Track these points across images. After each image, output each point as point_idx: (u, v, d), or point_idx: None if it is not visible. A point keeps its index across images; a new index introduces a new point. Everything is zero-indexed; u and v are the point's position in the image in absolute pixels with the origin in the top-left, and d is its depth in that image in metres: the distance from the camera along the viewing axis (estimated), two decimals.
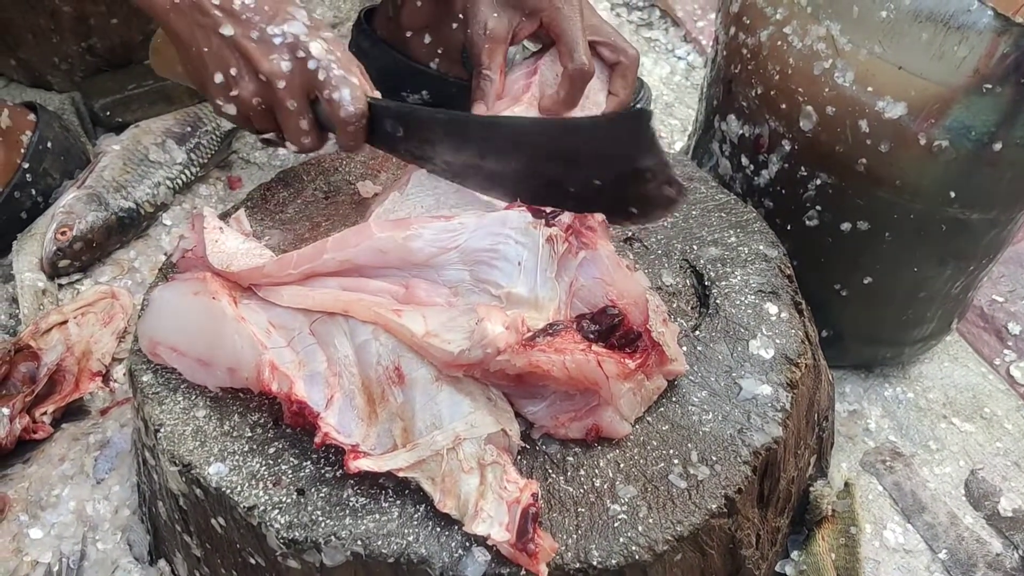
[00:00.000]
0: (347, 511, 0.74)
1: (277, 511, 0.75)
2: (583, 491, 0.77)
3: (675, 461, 0.79)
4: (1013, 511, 1.06)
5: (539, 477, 0.77)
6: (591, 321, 0.80)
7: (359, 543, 0.73)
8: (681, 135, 1.51)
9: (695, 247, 0.97)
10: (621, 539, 0.73)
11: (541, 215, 0.83)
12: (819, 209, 1.02)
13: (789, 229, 1.04)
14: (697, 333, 0.89)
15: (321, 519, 0.74)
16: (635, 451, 0.79)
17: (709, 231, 0.98)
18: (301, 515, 0.74)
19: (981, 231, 1.00)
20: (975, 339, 1.26)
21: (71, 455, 1.05)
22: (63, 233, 1.21)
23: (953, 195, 0.94)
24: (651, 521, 0.74)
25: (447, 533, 0.73)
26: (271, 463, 0.78)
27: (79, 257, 1.24)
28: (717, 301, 0.91)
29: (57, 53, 1.44)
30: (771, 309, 0.90)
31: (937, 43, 0.86)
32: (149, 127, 1.35)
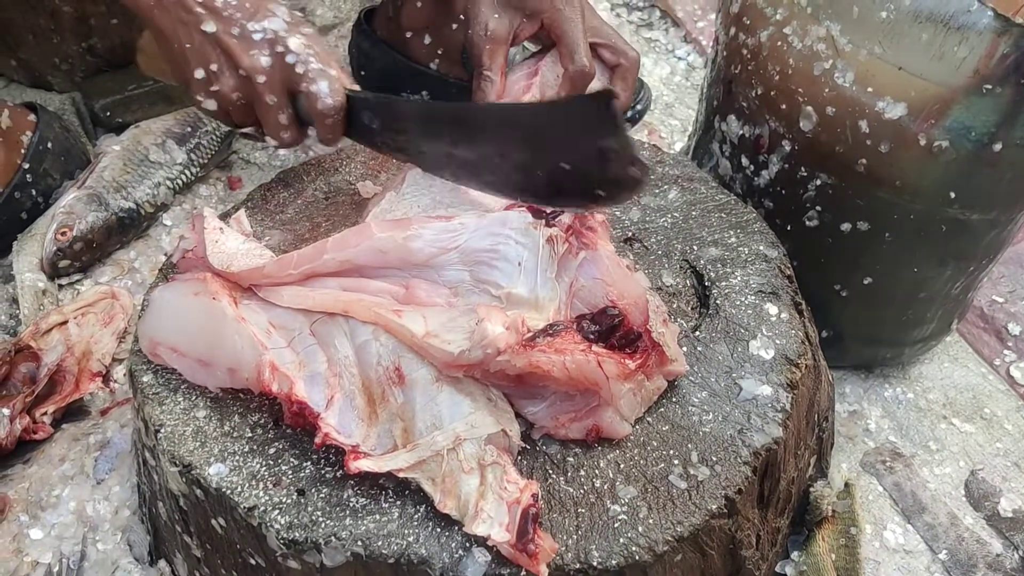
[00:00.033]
0: (347, 511, 0.74)
1: (277, 511, 0.75)
2: (583, 492, 0.77)
3: (675, 462, 0.79)
4: (1013, 512, 1.06)
5: (539, 478, 0.77)
6: (591, 321, 0.80)
7: (359, 543, 0.73)
8: (681, 135, 1.51)
9: (695, 247, 0.97)
10: (621, 539, 0.73)
11: (541, 215, 0.83)
12: (819, 209, 1.02)
13: (789, 229, 1.04)
14: (697, 334, 0.89)
15: (321, 519, 0.74)
16: (635, 452, 0.79)
17: (709, 231, 0.98)
18: (301, 515, 0.74)
19: (981, 231, 1.00)
20: (975, 339, 1.26)
21: (71, 455, 1.05)
22: (63, 233, 1.21)
23: (953, 195, 0.94)
24: (651, 522, 0.74)
25: (447, 534, 0.73)
26: (271, 464, 0.78)
27: (79, 257, 1.24)
28: (717, 301, 0.91)
29: (57, 53, 1.44)
30: (771, 309, 0.90)
31: (937, 44, 0.86)
32: (149, 127, 1.34)
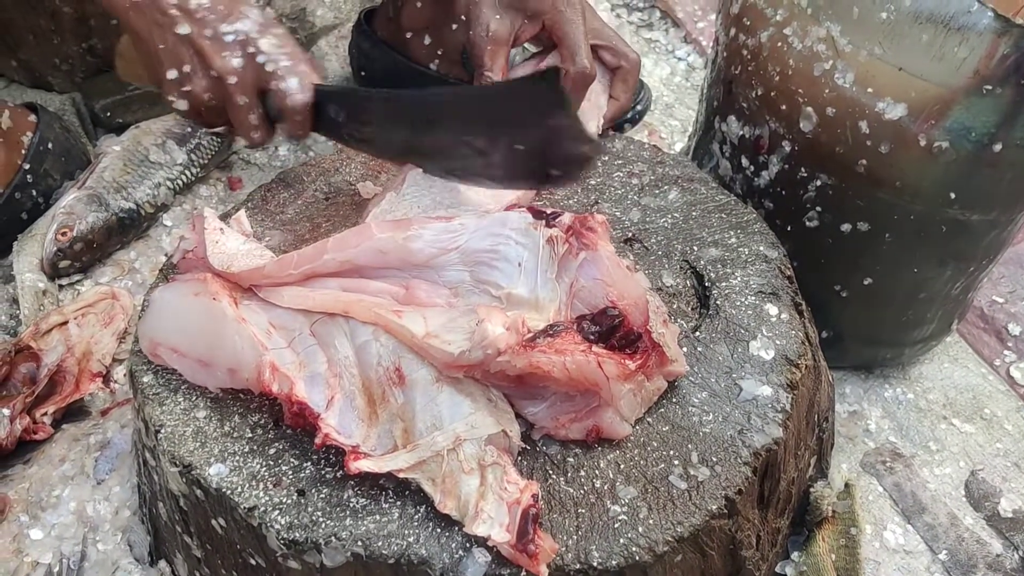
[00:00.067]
0: (347, 512, 0.74)
1: (277, 512, 0.75)
2: (583, 492, 0.77)
3: (675, 462, 0.79)
4: (1013, 512, 1.06)
5: (539, 478, 0.77)
6: (591, 322, 0.80)
7: (359, 544, 0.73)
8: (681, 136, 1.51)
9: (695, 248, 0.97)
10: (621, 540, 0.73)
11: (541, 216, 0.83)
12: (819, 210, 1.02)
13: (789, 230, 1.04)
14: (697, 334, 0.89)
15: (321, 520, 0.74)
16: (635, 452, 0.79)
17: (709, 232, 0.98)
18: (301, 516, 0.74)
19: (981, 232, 1.00)
20: (975, 340, 1.26)
21: (71, 456, 1.05)
22: (63, 234, 1.21)
23: (953, 196, 0.94)
24: (651, 522, 0.74)
25: (447, 534, 0.73)
26: (271, 464, 0.78)
27: (79, 258, 1.24)
28: (717, 302, 0.91)
29: (58, 54, 1.43)
30: (771, 310, 0.90)
31: (937, 44, 0.86)
32: (149, 128, 1.34)
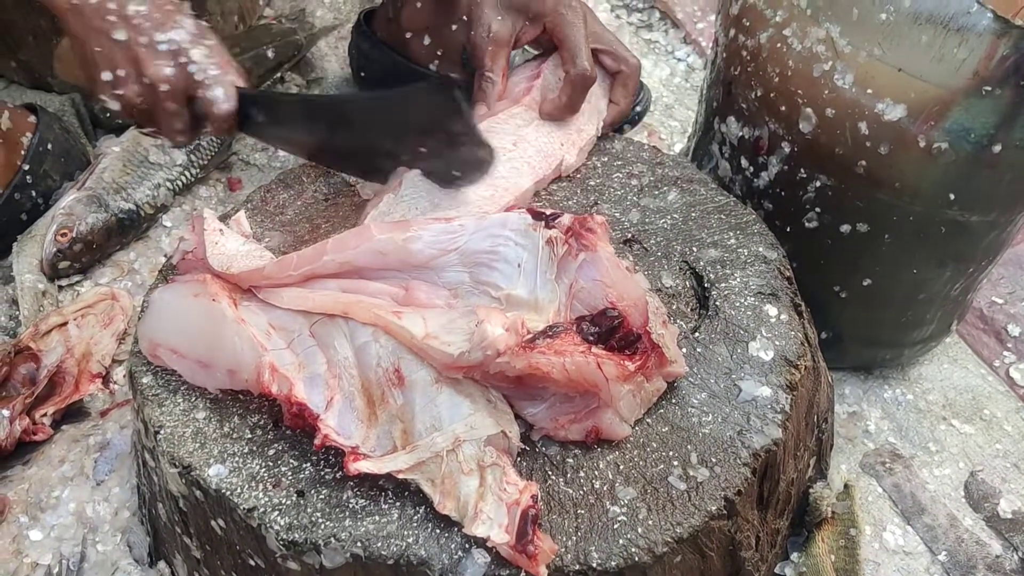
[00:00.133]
0: (347, 513, 0.74)
1: (277, 513, 0.75)
2: (583, 493, 0.77)
3: (675, 463, 0.79)
4: (1013, 513, 1.06)
5: (539, 479, 0.77)
6: (591, 323, 0.80)
7: (359, 545, 0.73)
8: (681, 137, 1.51)
9: (695, 249, 0.97)
10: (621, 541, 0.73)
11: (541, 217, 0.83)
12: (818, 211, 1.02)
13: (789, 231, 1.04)
14: (697, 335, 0.89)
15: (321, 521, 0.74)
16: (635, 453, 0.79)
17: (709, 233, 0.98)
18: (301, 517, 0.74)
19: (980, 233, 1.00)
20: (975, 341, 1.26)
21: (71, 457, 1.05)
22: (63, 235, 1.21)
23: (952, 197, 0.94)
24: (651, 523, 0.74)
25: (447, 535, 0.73)
26: (271, 465, 0.78)
27: (79, 259, 1.24)
28: (717, 303, 0.91)
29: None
30: (771, 311, 0.90)
31: (937, 45, 0.86)
32: None
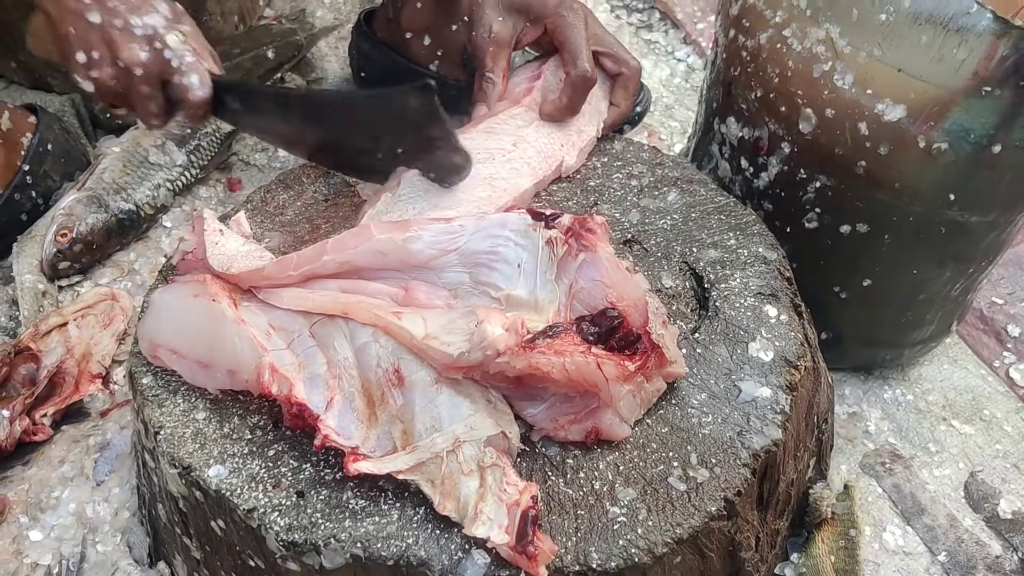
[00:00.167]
0: (347, 513, 0.74)
1: (277, 513, 0.75)
2: (582, 493, 0.77)
3: (674, 463, 0.79)
4: (1012, 513, 1.06)
5: (538, 479, 0.77)
6: (591, 323, 0.80)
7: (359, 545, 0.73)
8: (681, 137, 1.51)
9: (695, 249, 0.97)
10: (620, 541, 0.73)
11: (541, 217, 0.83)
12: (818, 211, 1.02)
13: (788, 231, 1.04)
14: (697, 335, 0.89)
15: (321, 521, 0.74)
16: (634, 453, 0.79)
17: (709, 234, 0.98)
18: (301, 517, 0.74)
19: (980, 233, 1.00)
20: (975, 341, 1.26)
21: (71, 457, 1.05)
22: (63, 235, 1.21)
23: (952, 197, 0.94)
24: (650, 523, 0.75)
25: (447, 535, 0.73)
26: (271, 465, 0.78)
27: (79, 259, 1.24)
28: (717, 303, 0.91)
29: None
30: (770, 311, 0.90)
31: (936, 46, 0.86)
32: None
